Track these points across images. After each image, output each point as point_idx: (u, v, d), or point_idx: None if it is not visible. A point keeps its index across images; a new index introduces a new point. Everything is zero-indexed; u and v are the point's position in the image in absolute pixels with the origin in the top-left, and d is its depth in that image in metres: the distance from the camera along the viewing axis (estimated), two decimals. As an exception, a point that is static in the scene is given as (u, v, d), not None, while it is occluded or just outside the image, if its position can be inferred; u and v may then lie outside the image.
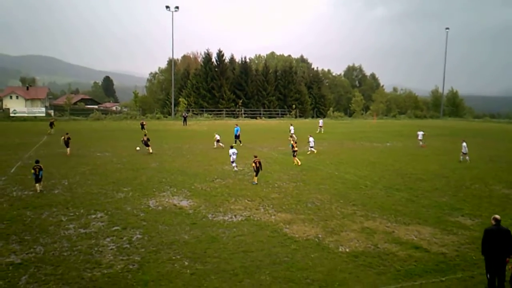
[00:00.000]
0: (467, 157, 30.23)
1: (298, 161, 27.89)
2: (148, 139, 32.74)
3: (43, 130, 46.99)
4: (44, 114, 72.81)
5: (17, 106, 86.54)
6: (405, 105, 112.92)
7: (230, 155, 25.83)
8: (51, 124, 47.05)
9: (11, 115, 69.71)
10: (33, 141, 38.08)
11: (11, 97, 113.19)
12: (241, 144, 37.91)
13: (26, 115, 70.99)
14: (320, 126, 55.45)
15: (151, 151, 32.00)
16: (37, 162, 20.07)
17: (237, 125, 41.48)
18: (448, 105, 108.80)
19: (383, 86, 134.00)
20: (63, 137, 31.76)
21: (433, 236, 14.29)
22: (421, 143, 40.11)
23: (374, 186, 21.82)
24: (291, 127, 47.89)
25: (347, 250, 12.86)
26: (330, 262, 11.90)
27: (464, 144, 30.43)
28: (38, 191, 19.37)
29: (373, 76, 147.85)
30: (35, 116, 70.40)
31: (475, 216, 16.66)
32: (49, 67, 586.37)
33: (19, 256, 11.91)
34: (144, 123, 52.10)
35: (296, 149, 28.07)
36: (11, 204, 17.23)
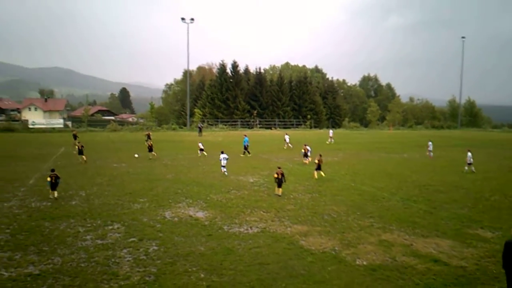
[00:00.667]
0: (472, 168, 29.97)
1: (321, 174, 26.91)
2: (151, 146, 36.00)
3: (61, 142, 47.73)
4: (62, 126, 74.07)
5: (35, 118, 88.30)
6: (422, 115, 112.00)
7: (221, 160, 27.50)
8: (75, 136, 47.67)
9: (30, 126, 71.09)
10: (51, 152, 38.67)
11: (29, 109, 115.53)
12: (249, 155, 38.05)
13: (44, 126, 72.36)
14: (330, 137, 55.28)
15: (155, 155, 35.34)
16: (52, 170, 20.78)
17: (245, 135, 41.99)
18: (466, 115, 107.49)
19: (399, 96, 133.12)
20: (76, 146, 33.34)
21: (452, 249, 14.01)
22: (430, 154, 39.41)
23: (391, 198, 21.56)
24: (286, 136, 48.08)
25: (365, 263, 12.68)
26: (348, 275, 11.74)
27: (469, 154, 30.23)
28: (56, 197, 20.09)
29: (388, 86, 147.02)
30: (53, 128, 71.62)
31: (495, 229, 16.30)
32: (67, 79, 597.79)
33: (37, 267, 12.01)
34: (149, 134, 52.19)
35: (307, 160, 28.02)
36: (29, 215, 17.44)
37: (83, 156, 32.57)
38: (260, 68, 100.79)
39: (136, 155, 35.50)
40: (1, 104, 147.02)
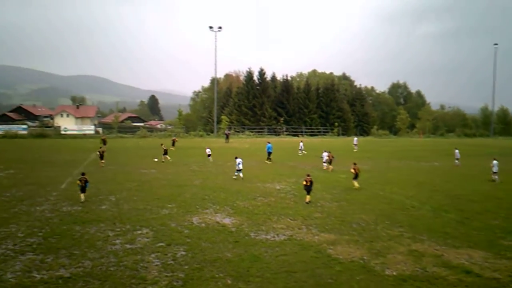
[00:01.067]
0: (496, 177, 29.23)
1: (355, 184, 25.68)
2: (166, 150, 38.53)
3: (92, 148, 48.76)
4: (93, 132, 75.82)
5: (67, 124, 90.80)
6: (453, 123, 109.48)
7: (237, 165, 28.89)
8: (104, 141, 49.07)
9: (62, 132, 73.07)
10: (83, 158, 39.60)
11: (62, 115, 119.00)
12: (270, 162, 38.23)
13: (76, 132, 74.22)
14: (355, 144, 54.58)
15: (169, 159, 37.87)
16: (83, 174, 21.83)
17: (269, 142, 42.16)
18: (499, 123, 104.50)
19: (429, 103, 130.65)
20: (98, 152, 35.29)
21: (485, 260, 13.58)
22: (457, 162, 38.68)
23: (421, 207, 21.10)
24: (301, 143, 48.55)
25: (394, 273, 12.42)
26: (376, 285, 11.52)
27: (495, 162, 29.47)
28: (83, 200, 20.87)
29: (418, 93, 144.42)
30: (84, 134, 73.38)
31: (531, 241, 15.73)
32: (98, 87, 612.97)
33: (68, 270, 12.26)
34: (175, 139, 54.08)
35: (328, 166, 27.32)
36: (61, 219, 17.85)
37: (102, 161, 34.50)
38: (287, 76, 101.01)
39: (155, 159, 37.96)
40: (34, 111, 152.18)
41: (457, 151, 39.39)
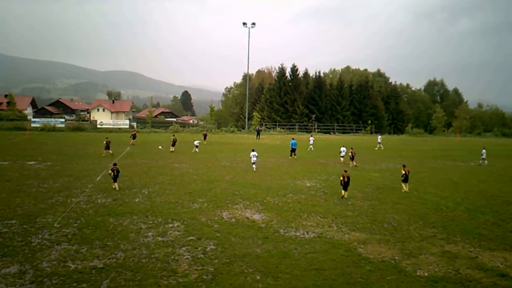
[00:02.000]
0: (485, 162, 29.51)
1: (404, 187, 24.52)
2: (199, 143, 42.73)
3: (127, 141, 49.87)
4: (127, 126, 77.44)
5: (103, 118, 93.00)
6: (491, 122, 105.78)
7: (251, 157, 30.74)
8: (134, 136, 50.19)
9: (98, 126, 74.97)
10: (118, 152, 40.47)
11: (98, 110, 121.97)
12: (296, 157, 38.71)
13: (111, 126, 76.02)
14: (379, 142, 53.54)
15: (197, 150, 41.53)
16: (115, 164, 23.65)
17: (293, 138, 43.65)
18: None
19: (466, 102, 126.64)
20: (105, 142, 38.07)
21: (522, 264, 13.12)
22: (485, 161, 38.04)
23: (456, 208, 20.54)
24: (311, 138, 49.90)
25: (426, 274, 12.16)
26: (408, 286, 11.31)
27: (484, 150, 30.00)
28: (117, 188, 22.59)
29: (455, 91, 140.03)
30: (119, 128, 75.06)
31: None
32: (133, 82, 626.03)
33: (101, 260, 12.60)
34: (206, 133, 56.48)
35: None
36: (95, 210, 18.36)
37: (110, 151, 37.48)
38: (319, 72, 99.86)
39: (160, 147, 43.42)
40: (72, 105, 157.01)
41: (484, 150, 38.75)
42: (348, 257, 13.43)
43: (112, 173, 22.70)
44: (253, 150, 31.35)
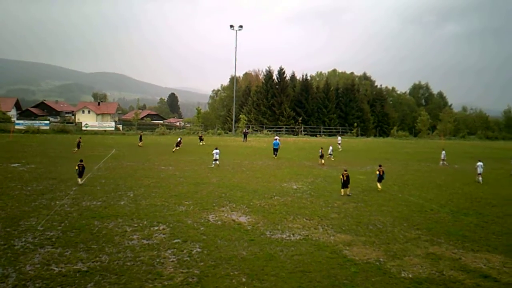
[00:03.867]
0: (480, 178, 29.66)
1: (378, 186, 25.60)
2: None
3: (112, 144, 49.52)
4: (113, 128, 76.76)
5: (88, 120, 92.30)
6: (475, 126, 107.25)
7: (213, 154, 33.46)
8: (140, 138, 51.64)
9: (83, 128, 74.17)
10: (103, 154, 40.15)
11: (83, 112, 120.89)
12: (275, 157, 40.45)
13: (96, 128, 75.25)
14: (339, 143, 53.89)
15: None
16: (81, 160, 25.20)
17: (276, 138, 44.43)
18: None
19: (451, 105, 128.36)
20: (77, 140, 41.66)
21: (504, 265, 13.34)
22: (444, 163, 39.82)
23: (440, 210, 20.80)
24: (277, 138, 50.28)
25: (410, 275, 12.28)
26: (392, 288, 11.41)
27: (480, 163, 30.04)
28: (80, 183, 24.18)
29: (440, 94, 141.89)
30: (105, 130, 74.39)
31: (554, 247, 15.37)
32: (119, 84, 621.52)
33: (86, 264, 12.47)
34: (202, 136, 58.10)
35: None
36: (80, 213, 18.16)
37: (76, 149, 40.98)
38: (306, 75, 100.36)
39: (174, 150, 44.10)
40: (57, 107, 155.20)
41: (443, 152, 40.59)
42: (333, 259, 13.50)
43: (78, 169, 24.24)
44: (216, 148, 34.35)
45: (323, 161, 37.66)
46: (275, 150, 41.70)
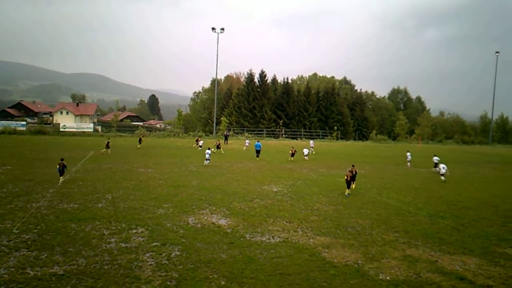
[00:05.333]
0: (439, 172, 33.05)
1: (352, 186, 25.81)
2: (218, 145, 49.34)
3: (91, 145, 48.80)
4: (92, 130, 75.72)
5: (67, 122, 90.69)
6: (452, 130, 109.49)
7: (205, 154, 36.69)
8: (140, 140, 52.66)
9: (61, 130, 72.93)
10: (81, 156, 39.55)
11: (61, 113, 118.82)
12: (257, 158, 42.75)
13: (75, 130, 74.13)
14: (311, 147, 52.98)
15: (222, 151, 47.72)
16: (62, 159, 25.92)
17: (258, 141, 47.33)
18: (498, 131, 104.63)
19: (429, 109, 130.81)
20: (107, 141, 41.42)
21: (479, 267, 13.60)
22: (408, 164, 42.08)
23: (417, 213, 21.11)
24: (247, 141, 56.19)
25: (388, 278, 12.42)
26: (370, 290, 11.52)
27: (442, 165, 32.82)
28: (60, 182, 24.72)
29: (418, 99, 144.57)
30: (83, 132, 73.31)
31: (526, 249, 15.76)
32: (98, 85, 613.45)
33: (62, 267, 12.25)
34: (198, 138, 58.25)
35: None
36: (57, 216, 17.83)
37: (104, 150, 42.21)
38: (287, 78, 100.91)
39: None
40: (34, 108, 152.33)
41: (408, 153, 43.00)
42: (312, 261, 13.56)
43: (58, 167, 25.09)
44: (208, 149, 37.68)
45: (292, 158, 42.35)
46: (258, 152, 43.39)
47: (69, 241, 14.59)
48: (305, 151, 44.47)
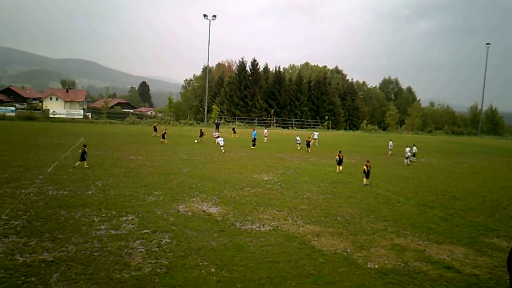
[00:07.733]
0: (412, 159, 36.80)
1: (340, 168, 29.96)
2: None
3: (80, 132, 48.44)
4: (82, 116, 75.11)
5: (56, 108, 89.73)
6: (442, 121, 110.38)
7: (218, 142, 38.40)
8: (155, 128, 52.41)
9: (51, 116, 72.23)
10: (71, 142, 39.27)
11: (51, 99, 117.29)
12: (253, 147, 42.82)
13: (64, 116, 73.47)
14: (315, 139, 49.71)
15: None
16: (84, 146, 27.40)
17: (254, 129, 48.70)
18: (487, 122, 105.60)
19: (419, 100, 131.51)
20: (81, 150, 39.61)
21: (466, 256, 13.82)
22: (390, 153, 43.55)
23: (406, 203, 21.34)
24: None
25: (376, 266, 12.58)
26: (358, 278, 11.66)
27: (408, 149, 35.99)
28: (76, 165, 26.39)
29: (409, 89, 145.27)
30: (73, 118, 72.70)
31: (511, 238, 16.02)
32: (89, 71, 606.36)
33: (51, 254, 12.22)
34: (202, 129, 51.85)
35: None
36: (46, 202, 17.75)
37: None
38: (279, 67, 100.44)
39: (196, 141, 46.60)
40: (23, 93, 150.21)
41: (391, 142, 44.98)
42: (302, 249, 13.68)
43: (81, 151, 26.83)
44: (218, 137, 40.33)
45: (308, 149, 41.94)
46: (254, 140, 44.16)
47: (58, 227, 14.54)
48: (298, 139, 45.47)
